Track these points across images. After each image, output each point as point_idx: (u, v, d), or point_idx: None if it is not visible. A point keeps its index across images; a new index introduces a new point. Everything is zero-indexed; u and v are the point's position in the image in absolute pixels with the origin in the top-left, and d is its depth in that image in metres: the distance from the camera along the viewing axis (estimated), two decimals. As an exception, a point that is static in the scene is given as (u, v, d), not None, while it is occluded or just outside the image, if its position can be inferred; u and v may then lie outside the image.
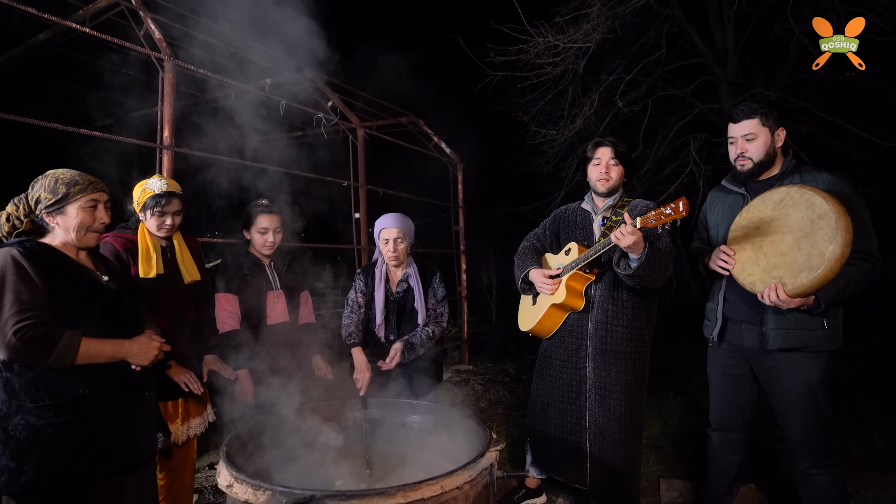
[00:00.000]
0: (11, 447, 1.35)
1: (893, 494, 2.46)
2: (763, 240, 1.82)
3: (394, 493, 1.24)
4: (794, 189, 1.77)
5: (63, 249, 1.51)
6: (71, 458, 1.38)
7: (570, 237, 2.36)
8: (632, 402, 2.20)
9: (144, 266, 1.89)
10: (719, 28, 6.16)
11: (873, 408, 3.67)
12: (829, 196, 1.69)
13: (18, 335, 1.31)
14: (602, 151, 2.26)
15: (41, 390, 1.37)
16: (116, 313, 1.56)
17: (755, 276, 1.82)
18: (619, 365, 2.18)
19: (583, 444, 2.21)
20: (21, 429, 1.35)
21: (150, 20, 2.93)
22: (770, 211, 1.82)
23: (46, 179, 1.49)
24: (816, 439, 1.85)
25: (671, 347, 6.07)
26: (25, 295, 1.34)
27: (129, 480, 1.51)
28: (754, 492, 2.56)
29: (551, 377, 2.34)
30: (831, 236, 1.62)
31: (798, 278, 1.69)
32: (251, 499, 1.27)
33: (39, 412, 1.37)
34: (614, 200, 2.27)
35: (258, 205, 2.33)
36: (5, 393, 1.37)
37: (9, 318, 1.31)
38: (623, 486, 2.18)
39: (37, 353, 1.33)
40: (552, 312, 2.27)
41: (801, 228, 1.71)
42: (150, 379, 1.62)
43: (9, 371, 1.37)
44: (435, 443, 1.86)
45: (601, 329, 2.19)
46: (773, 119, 1.95)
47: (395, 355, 2.38)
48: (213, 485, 2.70)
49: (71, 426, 1.39)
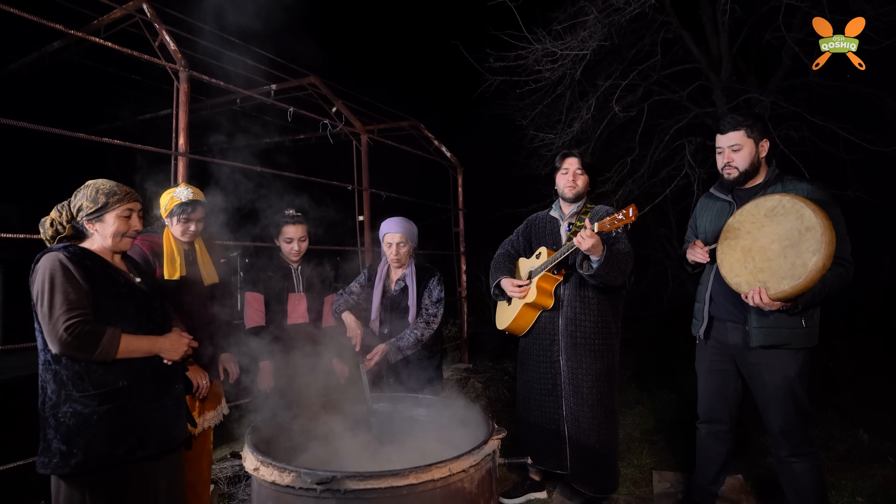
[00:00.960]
0: (62, 432, 1.48)
1: (872, 484, 2.61)
2: (753, 244, 1.93)
3: (406, 474, 1.37)
4: (787, 199, 1.86)
5: (101, 253, 1.65)
6: (113, 443, 1.52)
7: (540, 242, 2.57)
8: (602, 389, 2.40)
9: (169, 268, 2.02)
10: (714, 34, 6.30)
11: (859, 405, 3.80)
12: (819, 209, 1.78)
13: (69, 331, 1.44)
14: (570, 162, 2.49)
15: (86, 381, 1.51)
16: (149, 312, 1.69)
17: (741, 278, 1.96)
18: (589, 357, 2.39)
19: (561, 431, 2.40)
20: (70, 416, 1.49)
21: (164, 32, 3.06)
22: (762, 217, 1.92)
23: (88, 189, 1.63)
24: (795, 430, 1.99)
25: (667, 346, 6.21)
26: (73, 295, 1.48)
27: (161, 465, 1.65)
28: (741, 482, 2.71)
29: (530, 372, 2.54)
30: (816, 248, 1.73)
31: (781, 284, 1.82)
32: (277, 479, 1.40)
33: (85, 401, 1.50)
34: (579, 207, 2.49)
35: (285, 215, 2.50)
36: (55, 384, 1.51)
37: (59, 315, 1.44)
38: (600, 468, 2.37)
39: (84, 347, 1.46)
40: (525, 311, 2.47)
41: (788, 237, 1.82)
42: (179, 373, 1.75)
43: (58, 364, 1.51)
44: (441, 433, 1.99)
45: (571, 325, 2.40)
46: (758, 131, 2.08)
47: (376, 356, 2.49)
48: (227, 476, 2.83)
49: (113, 414, 1.53)
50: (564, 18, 5.54)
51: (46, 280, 1.48)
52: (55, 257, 1.51)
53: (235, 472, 2.90)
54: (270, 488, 1.44)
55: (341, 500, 1.35)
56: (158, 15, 3.17)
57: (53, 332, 1.44)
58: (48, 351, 1.52)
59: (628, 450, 3.28)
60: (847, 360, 5.13)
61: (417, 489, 1.37)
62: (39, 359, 1.55)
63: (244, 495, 2.73)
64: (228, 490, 2.76)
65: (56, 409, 1.50)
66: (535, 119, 6.52)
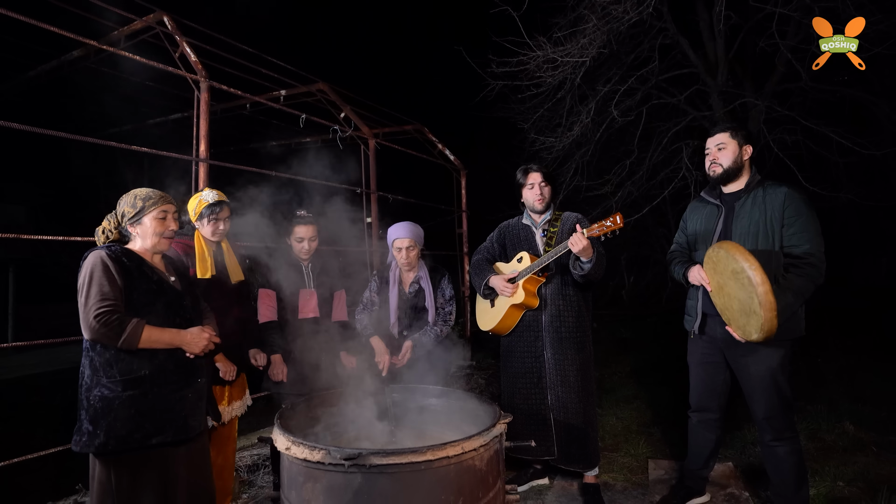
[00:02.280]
0: (90, 414, 1.66)
1: (853, 470, 2.77)
2: (724, 286, 2.05)
3: (424, 451, 1.54)
4: (747, 273, 1.87)
5: (141, 253, 1.82)
6: (131, 426, 1.67)
7: (517, 248, 2.75)
8: (585, 376, 2.62)
9: (201, 268, 2.19)
10: (710, 40, 6.46)
11: (848, 399, 3.96)
12: (767, 297, 1.84)
13: (97, 319, 1.61)
14: (533, 177, 2.70)
15: (114, 368, 1.68)
16: (178, 308, 1.85)
17: (717, 302, 2.15)
18: (572, 348, 2.60)
19: (548, 420, 2.58)
20: (98, 399, 1.67)
21: (185, 44, 3.22)
22: (729, 272, 1.99)
23: (129, 197, 1.81)
24: (778, 416, 2.15)
25: (664, 345, 6.37)
26: (106, 288, 1.65)
27: (180, 452, 1.79)
28: (731, 468, 2.87)
29: (514, 369, 2.71)
30: (757, 329, 1.90)
31: (739, 331, 2.03)
32: (308, 456, 1.57)
33: (112, 386, 1.67)
34: (550, 215, 2.71)
35: (297, 216, 2.64)
36: (90, 369, 1.69)
37: (92, 305, 1.62)
38: (585, 446, 2.57)
39: (110, 334, 1.63)
40: (511, 312, 2.64)
41: (743, 305, 1.96)
42: (202, 368, 1.89)
43: (93, 351, 1.69)
44: (452, 419, 2.16)
45: (555, 321, 2.61)
46: (742, 136, 2.26)
47: (406, 352, 2.70)
48: (247, 464, 2.99)
49: (134, 400, 1.69)
50: (565, 24, 5.69)
51: (87, 274, 1.66)
52: (98, 255, 1.70)
53: (255, 460, 3.06)
54: (301, 465, 1.61)
55: (366, 473, 1.52)
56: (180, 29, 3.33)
57: (86, 319, 1.62)
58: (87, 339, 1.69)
59: (626, 440, 3.44)
60: (839, 357, 5.29)
61: (434, 465, 1.54)
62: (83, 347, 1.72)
63: (263, 482, 2.90)
64: (248, 477, 2.93)
65: (89, 393, 1.67)
66: (536, 122, 6.68)
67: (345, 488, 1.54)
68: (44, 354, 7.66)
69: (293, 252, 2.73)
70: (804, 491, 2.18)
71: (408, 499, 1.53)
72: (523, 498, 2.68)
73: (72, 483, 2.76)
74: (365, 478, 1.52)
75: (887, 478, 2.66)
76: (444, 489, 1.56)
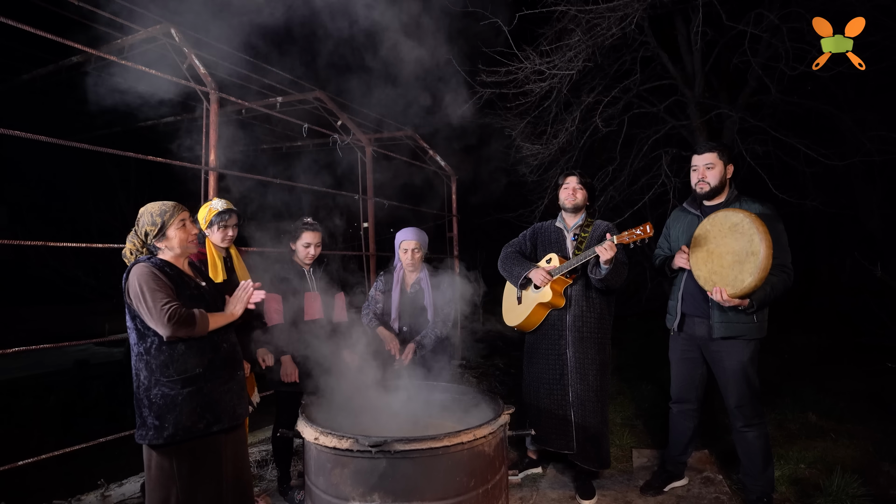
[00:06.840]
0: (155, 410, 1.81)
1: (814, 454, 3.07)
2: (715, 249, 2.35)
3: (441, 438, 1.73)
4: (748, 222, 2.21)
5: (174, 262, 1.97)
6: (195, 418, 1.84)
7: (547, 249, 2.93)
8: (603, 376, 2.79)
9: (213, 273, 2.34)
10: (688, 54, 6.81)
11: (813, 391, 4.30)
12: (766, 237, 2.14)
13: (170, 317, 1.76)
14: (570, 180, 2.90)
15: (171, 368, 1.83)
16: (214, 309, 2.01)
17: (701, 273, 2.40)
18: (593, 348, 2.76)
19: (568, 416, 2.75)
20: (160, 397, 1.81)
21: (193, 56, 3.33)
22: (726, 229, 2.31)
23: (144, 216, 1.93)
24: (748, 405, 2.42)
25: (644, 342, 6.69)
26: (163, 290, 1.80)
27: (230, 437, 1.98)
28: (707, 455, 3.15)
29: (538, 365, 2.88)
30: (753, 271, 2.16)
31: (729, 286, 2.27)
32: (337, 444, 1.75)
33: (171, 385, 1.82)
34: (581, 220, 2.88)
35: (304, 222, 2.78)
36: (146, 371, 1.83)
37: (160, 307, 1.76)
38: (600, 445, 2.76)
39: (186, 325, 1.79)
40: (538, 310, 2.82)
41: (738, 255, 2.23)
42: (241, 361, 2.07)
43: (148, 355, 1.83)
44: (459, 412, 2.36)
45: (578, 321, 2.77)
46: (727, 156, 2.52)
47: (409, 353, 2.88)
48: (255, 459, 3.14)
49: (193, 395, 1.85)
50: (550, 35, 5.95)
51: (141, 284, 1.79)
52: (143, 266, 1.84)
53: (263, 455, 3.21)
54: (330, 453, 1.78)
55: (391, 458, 1.71)
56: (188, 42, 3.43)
57: (159, 320, 1.76)
58: (141, 344, 1.83)
59: (612, 432, 3.68)
60: (807, 353, 5.66)
61: (451, 450, 1.74)
62: (132, 351, 1.86)
63: (272, 476, 3.04)
64: (258, 472, 3.07)
65: (148, 392, 1.82)
66: (523, 130, 6.93)
67: (370, 472, 1.72)
68: (28, 358, 7.58)
69: (296, 257, 2.85)
70: (770, 471, 2.45)
71: (427, 480, 1.73)
72: (520, 485, 2.90)
73: (72, 483, 2.86)
74: (389, 462, 1.71)
75: (842, 460, 2.97)
76: (459, 471, 1.76)
